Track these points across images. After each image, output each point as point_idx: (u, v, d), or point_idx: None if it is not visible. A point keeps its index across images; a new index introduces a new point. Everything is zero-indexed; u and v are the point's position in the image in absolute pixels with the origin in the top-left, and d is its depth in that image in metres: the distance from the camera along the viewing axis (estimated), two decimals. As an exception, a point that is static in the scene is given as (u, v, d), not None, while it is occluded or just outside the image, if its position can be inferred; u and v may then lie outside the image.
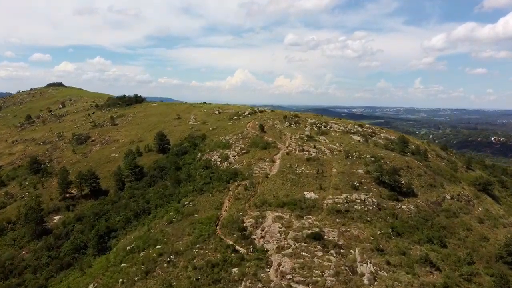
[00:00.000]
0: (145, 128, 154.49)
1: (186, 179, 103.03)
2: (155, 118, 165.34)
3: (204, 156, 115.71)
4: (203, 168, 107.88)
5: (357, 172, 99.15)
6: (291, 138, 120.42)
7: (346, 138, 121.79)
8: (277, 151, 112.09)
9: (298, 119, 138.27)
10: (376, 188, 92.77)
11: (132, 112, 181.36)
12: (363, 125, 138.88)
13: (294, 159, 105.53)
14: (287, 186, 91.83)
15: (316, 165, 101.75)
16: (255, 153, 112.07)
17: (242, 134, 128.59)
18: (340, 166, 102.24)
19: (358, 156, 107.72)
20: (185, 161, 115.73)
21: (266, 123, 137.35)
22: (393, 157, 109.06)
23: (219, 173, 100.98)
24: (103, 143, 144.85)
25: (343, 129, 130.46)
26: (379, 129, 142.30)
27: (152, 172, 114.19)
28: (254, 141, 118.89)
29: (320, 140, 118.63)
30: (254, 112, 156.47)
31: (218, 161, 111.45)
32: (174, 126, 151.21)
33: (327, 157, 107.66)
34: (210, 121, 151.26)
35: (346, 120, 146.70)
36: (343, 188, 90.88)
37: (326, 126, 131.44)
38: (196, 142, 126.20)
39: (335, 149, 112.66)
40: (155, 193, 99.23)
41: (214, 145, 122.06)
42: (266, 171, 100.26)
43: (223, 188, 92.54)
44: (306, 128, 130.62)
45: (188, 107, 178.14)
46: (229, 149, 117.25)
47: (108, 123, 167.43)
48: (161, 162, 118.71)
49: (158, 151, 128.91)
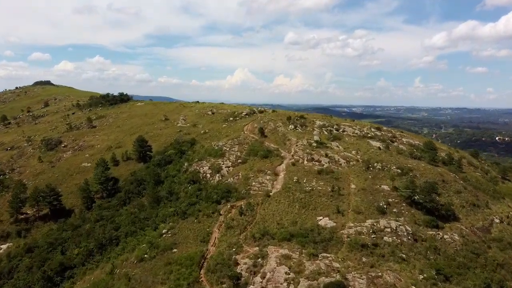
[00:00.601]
0: (126, 131, 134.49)
1: (167, 197, 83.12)
2: (139, 120, 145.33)
3: (192, 167, 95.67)
4: (189, 183, 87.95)
5: (381, 189, 79.33)
6: (297, 144, 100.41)
7: (363, 144, 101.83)
8: (281, 161, 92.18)
9: (304, 121, 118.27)
10: (408, 211, 73.09)
11: (114, 113, 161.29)
12: (381, 128, 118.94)
13: (302, 171, 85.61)
14: (294, 208, 72.04)
15: (330, 180, 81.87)
16: (254, 163, 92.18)
17: (239, 139, 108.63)
18: (360, 181, 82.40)
19: (381, 167, 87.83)
20: (168, 172, 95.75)
21: (266, 126, 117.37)
22: (423, 169, 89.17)
23: (208, 190, 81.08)
24: (75, 149, 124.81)
25: (359, 132, 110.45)
26: (399, 133, 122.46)
27: (128, 186, 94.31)
28: (252, 148, 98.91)
29: (332, 147, 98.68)
30: (253, 112, 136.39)
31: (208, 173, 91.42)
32: (159, 129, 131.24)
33: (343, 169, 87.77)
34: (202, 123, 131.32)
35: (361, 122, 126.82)
36: (366, 211, 71.25)
37: (339, 130, 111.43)
38: (183, 149, 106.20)
39: (352, 158, 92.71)
40: (128, 216, 79.41)
41: (205, 152, 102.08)
42: (267, 187, 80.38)
43: (212, 211, 72.71)
44: (315, 131, 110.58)
45: (178, 107, 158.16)
46: (222, 157, 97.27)
47: (85, 126, 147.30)
48: (139, 173, 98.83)
49: (138, 160, 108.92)
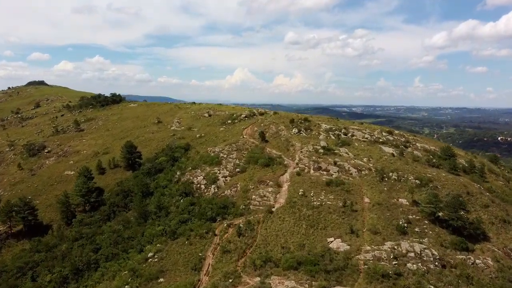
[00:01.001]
0: (116, 135, 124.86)
1: (156, 212, 73.37)
2: (130, 123, 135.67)
3: (185, 176, 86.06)
4: (181, 195, 78.36)
5: (399, 203, 69.78)
6: (301, 151, 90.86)
7: (375, 151, 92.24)
8: (284, 170, 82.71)
9: (309, 124, 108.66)
10: (431, 230, 63.59)
11: (104, 115, 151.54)
12: (393, 131, 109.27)
13: (309, 182, 76.03)
14: (301, 228, 62.51)
15: (340, 193, 72.31)
16: (254, 172, 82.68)
17: (237, 144, 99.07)
18: (375, 194, 72.85)
19: (397, 177, 78.23)
20: (158, 183, 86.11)
21: (268, 129, 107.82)
22: (445, 179, 79.53)
23: (201, 205, 71.41)
24: (60, 155, 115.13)
25: (369, 137, 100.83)
26: (413, 137, 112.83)
27: (114, 198, 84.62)
28: (252, 155, 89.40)
29: (341, 154, 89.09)
30: (253, 114, 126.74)
31: (202, 184, 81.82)
32: (151, 133, 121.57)
33: (354, 179, 78.19)
34: (198, 126, 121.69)
35: (371, 125, 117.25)
36: (384, 231, 61.77)
37: (347, 134, 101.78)
38: (175, 156, 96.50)
39: (363, 166, 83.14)
40: (110, 235, 69.59)
41: (199, 159, 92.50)
42: (269, 201, 70.86)
43: (205, 231, 63.12)
44: (321, 136, 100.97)
45: (172, 108, 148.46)
46: (219, 166, 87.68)
47: (73, 129, 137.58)
48: (127, 183, 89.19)
49: (127, 168, 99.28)
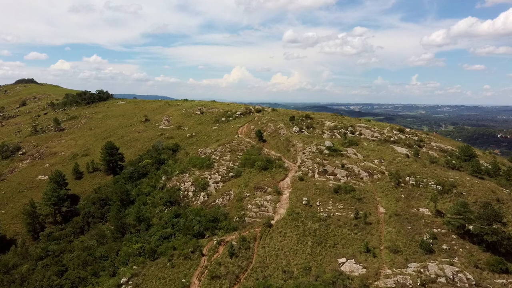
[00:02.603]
0: (99, 135, 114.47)
1: (135, 225, 63.05)
2: (116, 121, 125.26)
3: (171, 182, 75.90)
4: (166, 204, 68.20)
5: (421, 214, 59.86)
6: (304, 152, 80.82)
7: (386, 151, 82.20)
8: (284, 174, 72.74)
9: (311, 122, 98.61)
10: (462, 246, 53.79)
11: (89, 113, 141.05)
12: (404, 130, 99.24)
13: (313, 188, 65.97)
14: (306, 246, 52.53)
15: (351, 201, 62.30)
16: (250, 176, 72.66)
17: (231, 144, 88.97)
18: (391, 202, 62.86)
19: (415, 182, 68.22)
20: (140, 189, 75.90)
21: (266, 128, 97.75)
22: (470, 184, 69.51)
23: (188, 217, 61.24)
24: (35, 158, 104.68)
25: (379, 136, 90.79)
26: (425, 135, 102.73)
27: (89, 207, 74.24)
28: (248, 157, 79.33)
29: (349, 155, 79.02)
30: (249, 111, 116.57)
31: (190, 191, 71.65)
32: (137, 133, 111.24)
33: (366, 185, 68.17)
34: (188, 125, 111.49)
35: (379, 123, 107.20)
36: (406, 249, 51.95)
37: (354, 132, 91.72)
38: (161, 158, 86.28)
39: (375, 169, 73.12)
40: (80, 254, 59.27)
41: (188, 162, 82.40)
42: (267, 212, 60.83)
43: (191, 250, 53.09)
44: (325, 134, 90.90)
45: (162, 106, 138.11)
46: (210, 169, 77.56)
47: (52, 128, 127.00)
48: (105, 190, 78.82)
49: (107, 171, 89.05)
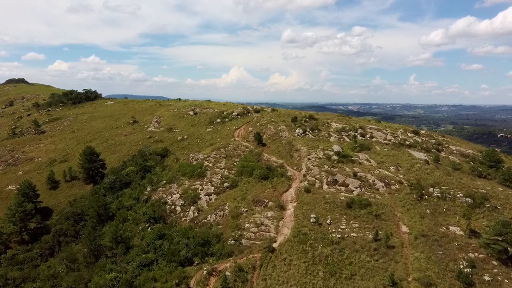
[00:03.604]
0: (82, 138, 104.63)
1: (112, 247, 53.23)
2: (101, 123, 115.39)
3: (156, 194, 66.16)
4: (149, 221, 58.49)
5: (452, 234, 50.39)
6: (309, 158, 71.21)
7: (402, 156, 72.60)
8: (288, 184, 63.19)
9: (316, 123, 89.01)
10: (506, 276, 44.45)
11: (73, 114, 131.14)
12: (419, 131, 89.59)
13: (322, 202, 56.38)
14: (316, 277, 42.95)
15: (367, 218, 52.73)
16: (248, 187, 63.06)
17: (227, 149, 79.33)
18: (415, 219, 53.30)
19: (440, 194, 58.69)
20: (121, 202, 66.11)
21: (265, 130, 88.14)
22: (504, 196, 60.10)
23: (174, 239, 51.52)
24: (9, 164, 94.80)
25: (393, 139, 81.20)
26: (441, 137, 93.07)
27: (62, 224, 64.37)
28: (246, 163, 69.73)
29: (361, 161, 69.40)
30: (247, 112, 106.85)
31: (178, 205, 61.92)
32: (123, 135, 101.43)
33: (383, 197, 58.56)
34: (180, 127, 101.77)
35: (391, 124, 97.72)
36: (441, 281, 42.81)
37: (364, 135, 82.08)
38: (147, 165, 76.59)
39: (392, 178, 63.51)
40: (43, 284, 49.44)
41: (178, 170, 72.72)
42: (269, 232, 51.31)
43: (176, 282, 43.64)
44: (332, 137, 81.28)
45: (153, 106, 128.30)
46: (202, 178, 67.89)
47: (32, 131, 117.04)
48: (80, 203, 68.93)
49: (86, 180, 79.22)
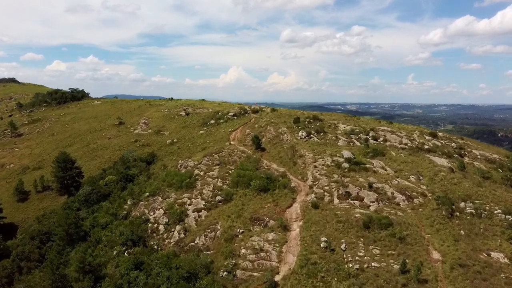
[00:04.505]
0: (61, 141, 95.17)
1: (78, 278, 43.63)
2: (85, 125, 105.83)
3: (137, 208, 56.61)
4: (126, 244, 49.01)
5: (495, 263, 41.11)
6: (316, 165, 61.81)
7: (423, 163, 63.28)
8: (292, 198, 53.81)
9: (321, 125, 79.61)
10: None
11: (56, 115, 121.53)
12: (436, 134, 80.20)
13: (334, 221, 47.01)
14: (332, 326, 33.19)
15: (390, 242, 43.36)
16: (245, 201, 53.67)
17: (221, 154, 69.85)
18: (447, 243, 44.03)
19: (474, 210, 49.32)
20: (96, 219, 56.36)
21: (264, 132, 78.76)
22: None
23: (153, 270, 41.85)
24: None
25: (409, 142, 71.85)
26: (461, 140, 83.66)
27: (24, 245, 54.61)
28: (242, 172, 60.31)
29: (375, 169, 59.98)
30: (244, 112, 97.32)
31: (161, 223, 52.40)
32: (108, 139, 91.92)
33: (405, 214, 49.22)
34: (170, 129, 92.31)
35: (405, 125, 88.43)
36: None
37: (377, 139, 72.66)
38: (130, 174, 66.95)
39: (414, 190, 54.16)
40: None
41: (164, 179, 63.21)
42: (270, 261, 41.93)
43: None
44: (340, 141, 71.86)
45: (142, 106, 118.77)
46: (191, 190, 58.43)
47: (8, 134, 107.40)
48: (48, 220, 59.15)
49: (60, 191, 69.64)
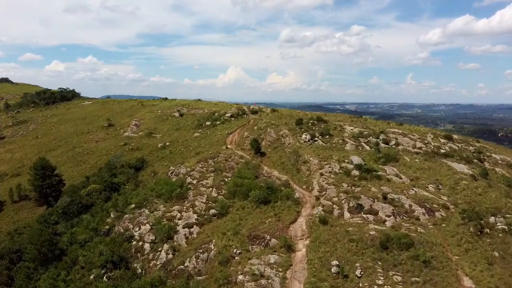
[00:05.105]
0: (45, 145, 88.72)
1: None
2: (72, 127, 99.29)
3: (121, 223, 50.12)
4: (105, 267, 42.55)
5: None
6: (322, 173, 55.42)
7: (441, 170, 56.91)
8: (296, 211, 47.47)
9: (326, 127, 73.12)
10: None
11: (43, 116, 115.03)
12: (451, 136, 73.69)
13: (345, 240, 40.69)
14: None
15: (413, 266, 37.11)
16: (243, 215, 47.32)
17: (216, 160, 63.43)
18: (480, 266, 37.80)
19: (506, 226, 42.96)
20: (74, 235, 49.75)
21: (264, 135, 72.36)
22: None
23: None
24: (-48, 178, 78.22)
25: (423, 146, 65.42)
26: (476, 142, 77.21)
27: (-7, 265, 47.91)
28: (240, 181, 53.87)
29: (389, 177, 53.58)
30: (243, 113, 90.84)
31: (147, 241, 45.85)
32: (95, 142, 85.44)
33: (426, 230, 42.86)
34: (162, 131, 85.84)
35: (416, 127, 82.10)
36: None
37: (389, 142, 66.15)
38: (115, 182, 60.33)
39: (434, 201, 47.78)
40: None
41: (152, 188, 56.81)
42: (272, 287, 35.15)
43: None
44: (348, 145, 65.42)
45: (134, 106, 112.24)
46: (182, 201, 51.98)
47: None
48: (20, 236, 52.48)
49: (39, 200, 63.02)
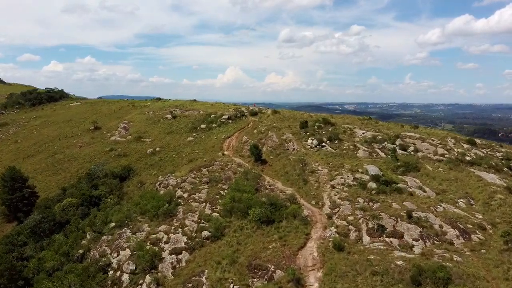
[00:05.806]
0: (23, 150, 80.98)
1: None
2: (55, 130, 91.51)
3: (97, 246, 42.45)
4: (73, 306, 34.32)
5: None
6: (334, 185, 47.95)
7: (469, 181, 49.50)
8: (305, 233, 40.15)
9: (334, 130, 65.54)
10: None
11: (26, 118, 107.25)
12: (474, 141, 66.09)
13: (367, 274, 33.11)
14: None
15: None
16: (241, 239, 39.80)
17: (211, 168, 55.91)
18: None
19: (560, 252, 35.10)
20: (42, 263, 41.92)
21: (265, 140, 64.81)
22: None
23: None
24: None
25: (445, 152, 57.94)
26: (498, 147, 69.60)
27: None
28: (238, 195, 46.28)
29: (412, 191, 46.06)
30: (241, 114, 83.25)
31: (126, 272, 38.20)
32: (78, 147, 77.69)
33: (464, 258, 35.16)
34: (153, 135, 78.15)
35: (433, 130, 74.79)
36: None
37: (406, 148, 58.57)
38: (95, 195, 52.51)
39: (468, 220, 40.16)
40: None
41: (137, 202, 49.03)
42: None
43: None
44: (360, 151, 57.87)
45: (124, 107, 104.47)
46: (170, 220, 44.36)
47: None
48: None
49: (8, 216, 55.22)
